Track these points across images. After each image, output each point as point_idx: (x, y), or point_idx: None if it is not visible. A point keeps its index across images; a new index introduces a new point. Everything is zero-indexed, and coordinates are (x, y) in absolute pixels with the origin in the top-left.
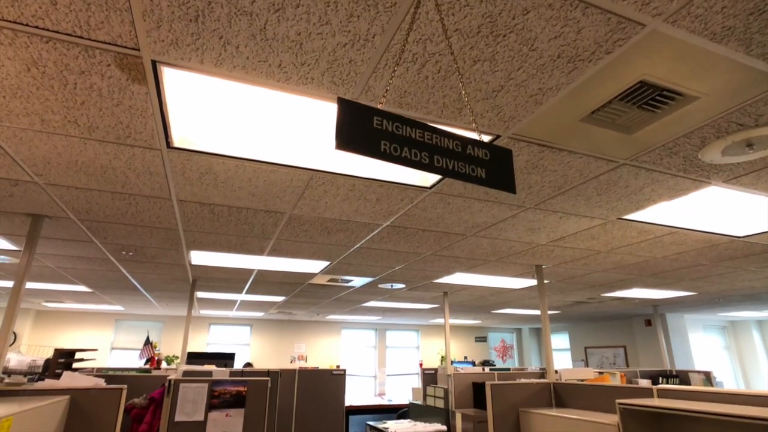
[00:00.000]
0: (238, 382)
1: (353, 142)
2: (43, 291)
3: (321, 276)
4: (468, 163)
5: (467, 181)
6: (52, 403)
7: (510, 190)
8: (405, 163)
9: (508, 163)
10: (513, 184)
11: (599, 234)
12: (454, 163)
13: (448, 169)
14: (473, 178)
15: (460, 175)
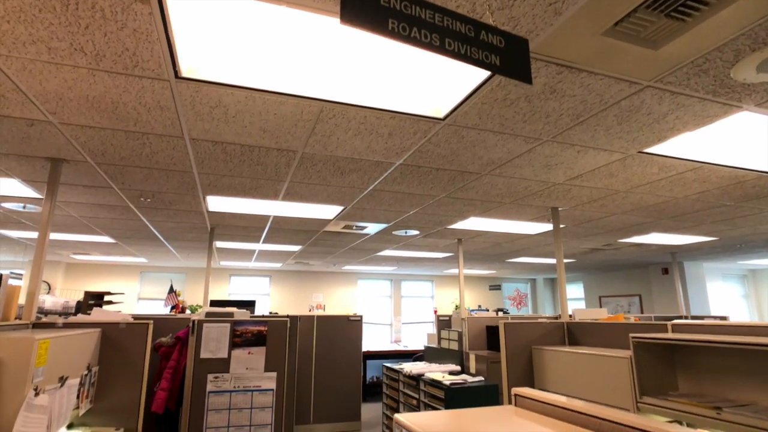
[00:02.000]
0: (258, 322)
1: (359, 16)
2: (70, 242)
3: (335, 223)
4: (481, 49)
5: (480, 66)
6: (85, 334)
7: (526, 80)
8: (414, 43)
9: (525, 52)
10: (529, 74)
11: (618, 171)
12: (467, 47)
13: (460, 53)
14: (486, 64)
15: (472, 60)
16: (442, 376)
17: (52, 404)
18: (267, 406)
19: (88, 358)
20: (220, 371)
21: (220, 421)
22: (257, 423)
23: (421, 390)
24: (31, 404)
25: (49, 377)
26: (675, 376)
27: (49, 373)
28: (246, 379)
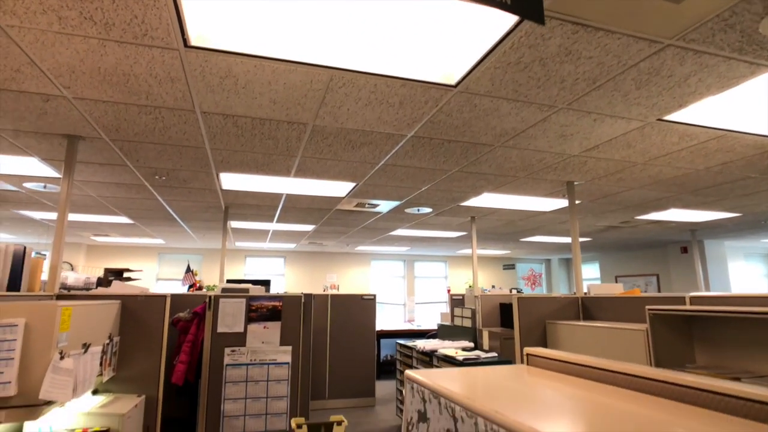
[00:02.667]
0: (273, 298)
1: None
2: (90, 223)
3: (348, 200)
4: None
5: (491, 5)
6: (106, 304)
7: (538, 20)
8: None
9: None
10: (541, 13)
11: (636, 140)
12: None
13: None
14: (495, 1)
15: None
16: (455, 351)
17: (76, 368)
18: (283, 379)
19: (110, 328)
20: (236, 345)
21: (237, 392)
22: (274, 395)
23: (434, 366)
24: (56, 367)
25: (73, 343)
26: (692, 348)
27: (72, 339)
28: (262, 352)
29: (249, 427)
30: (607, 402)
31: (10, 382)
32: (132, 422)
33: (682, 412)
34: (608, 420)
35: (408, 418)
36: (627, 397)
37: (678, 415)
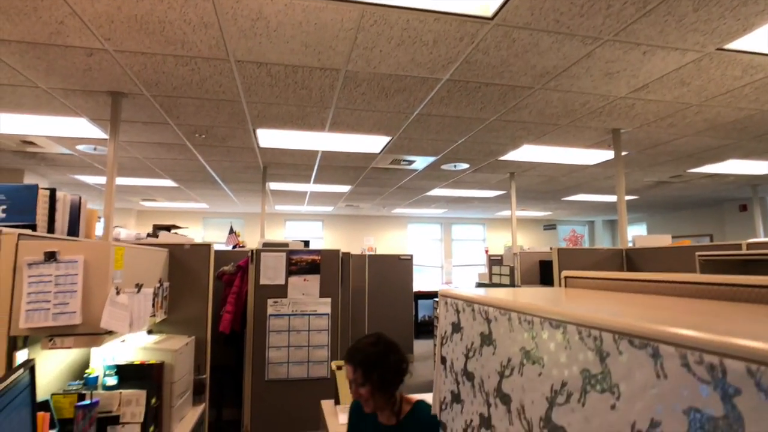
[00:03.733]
0: (312, 252)
1: None
2: (138, 187)
3: (383, 157)
4: None
5: None
6: (155, 251)
7: None
8: None
9: None
10: None
11: (691, 76)
12: None
13: None
14: None
15: None
16: None
17: (131, 305)
18: (323, 329)
19: (159, 273)
20: (278, 296)
21: (280, 341)
22: (315, 344)
23: None
24: (113, 300)
25: (127, 282)
26: None
27: (126, 278)
28: (302, 303)
29: (292, 374)
30: (651, 302)
31: (75, 312)
32: (184, 358)
33: (738, 307)
34: (652, 309)
35: (442, 333)
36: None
37: (735, 308)
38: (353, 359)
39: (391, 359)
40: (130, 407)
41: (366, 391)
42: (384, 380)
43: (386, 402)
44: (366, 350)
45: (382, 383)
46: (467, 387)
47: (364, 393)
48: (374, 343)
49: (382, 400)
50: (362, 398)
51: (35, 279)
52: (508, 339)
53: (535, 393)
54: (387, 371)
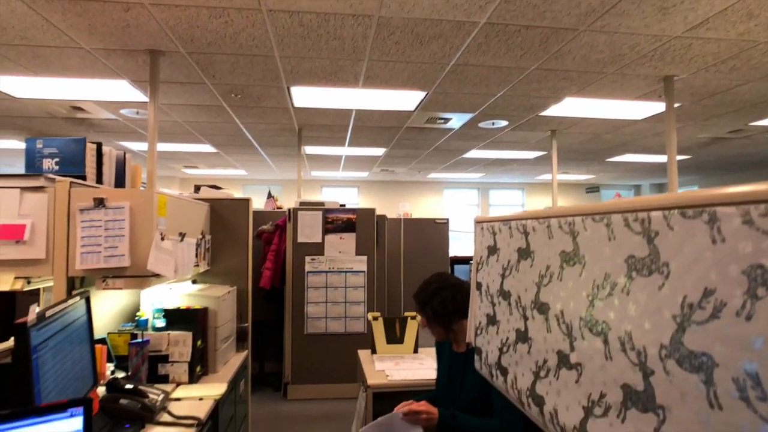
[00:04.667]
0: (347, 210)
1: None
2: (179, 153)
3: (418, 115)
4: None
5: None
6: (197, 203)
7: None
8: None
9: None
10: None
11: (761, 6)
12: None
13: None
14: None
15: None
16: None
17: (175, 252)
18: (359, 286)
19: (201, 226)
20: (315, 254)
21: (318, 297)
22: (352, 300)
23: None
24: (158, 245)
25: (171, 230)
26: None
27: (170, 226)
28: (339, 261)
29: (330, 328)
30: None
31: (124, 255)
32: (226, 305)
33: None
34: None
35: (477, 259)
36: None
37: None
38: (417, 298)
39: (443, 295)
40: (178, 347)
41: (431, 324)
42: (435, 314)
43: (444, 333)
44: (420, 289)
45: (434, 316)
46: (503, 306)
47: (430, 325)
48: (428, 282)
49: (439, 330)
50: (431, 331)
51: (87, 224)
52: (546, 248)
53: (575, 295)
54: (436, 306)
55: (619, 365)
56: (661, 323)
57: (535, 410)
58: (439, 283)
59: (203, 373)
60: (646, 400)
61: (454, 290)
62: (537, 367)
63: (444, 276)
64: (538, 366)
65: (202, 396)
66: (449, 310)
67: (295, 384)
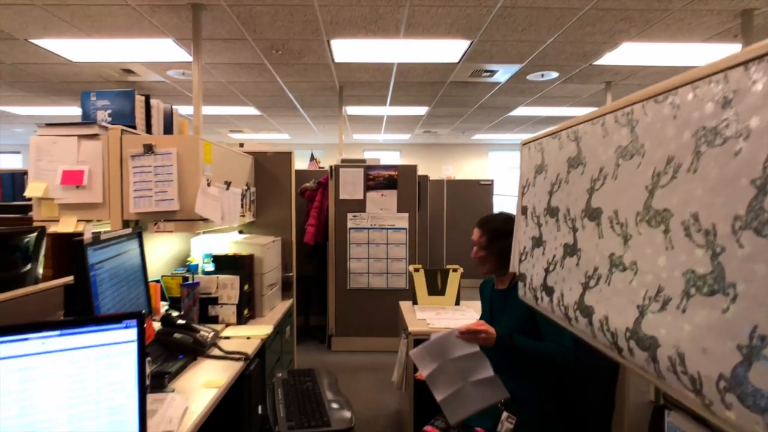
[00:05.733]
0: (389, 167)
1: None
2: (224, 117)
3: (462, 67)
4: None
5: None
6: (241, 155)
7: None
8: None
9: None
10: None
11: None
12: None
13: None
14: None
15: None
16: None
17: (221, 199)
18: (401, 243)
19: (246, 177)
20: (357, 211)
21: (361, 253)
22: (393, 257)
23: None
24: (205, 191)
25: (217, 178)
26: None
27: (216, 174)
28: (381, 218)
29: (372, 284)
30: None
31: (173, 199)
32: (271, 253)
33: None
34: None
35: (523, 182)
36: None
37: None
38: (485, 225)
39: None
40: (226, 290)
41: (484, 255)
42: (503, 252)
43: (494, 270)
44: (498, 223)
45: (500, 254)
46: (550, 225)
47: (483, 255)
48: (507, 219)
49: (494, 267)
50: (479, 259)
51: (138, 169)
52: (600, 148)
53: (632, 190)
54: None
55: (682, 252)
56: (736, 193)
57: (582, 323)
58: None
59: (250, 316)
60: (714, 282)
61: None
62: (586, 277)
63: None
64: (587, 276)
65: (249, 335)
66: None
67: (338, 336)
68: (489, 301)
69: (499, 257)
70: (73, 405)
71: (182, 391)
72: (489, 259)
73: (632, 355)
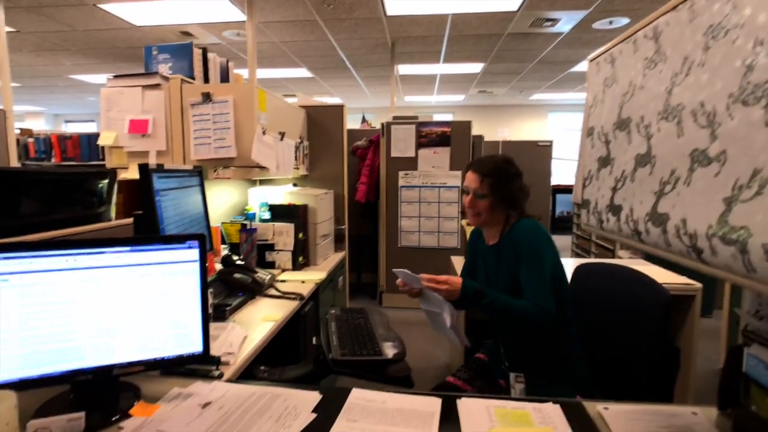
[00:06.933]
0: (442, 124)
1: None
2: (278, 80)
3: (522, 16)
4: None
5: None
6: (294, 108)
7: None
8: None
9: None
10: None
11: None
12: None
13: None
14: None
15: None
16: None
17: (276, 148)
18: (453, 202)
19: (299, 130)
20: (409, 169)
21: (412, 211)
22: (445, 216)
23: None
24: (260, 138)
25: (271, 127)
26: None
27: (270, 124)
28: (433, 176)
29: (423, 242)
30: None
31: (231, 146)
32: (324, 204)
33: None
34: None
35: (591, 99)
36: None
37: None
38: (482, 168)
39: (521, 183)
40: (282, 237)
41: (484, 204)
42: (510, 197)
43: (499, 220)
44: (498, 164)
45: (505, 199)
46: (619, 139)
47: (482, 205)
48: (507, 161)
49: (496, 216)
50: (474, 209)
51: (197, 117)
52: (687, 33)
53: (723, 71)
54: (515, 189)
55: None
56: None
57: (655, 233)
58: (517, 167)
59: (305, 263)
60: None
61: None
62: (660, 184)
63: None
64: (663, 182)
65: (304, 279)
66: (519, 199)
67: (389, 293)
68: (482, 259)
69: (502, 203)
70: (142, 315)
71: (241, 323)
72: (488, 208)
73: (715, 254)
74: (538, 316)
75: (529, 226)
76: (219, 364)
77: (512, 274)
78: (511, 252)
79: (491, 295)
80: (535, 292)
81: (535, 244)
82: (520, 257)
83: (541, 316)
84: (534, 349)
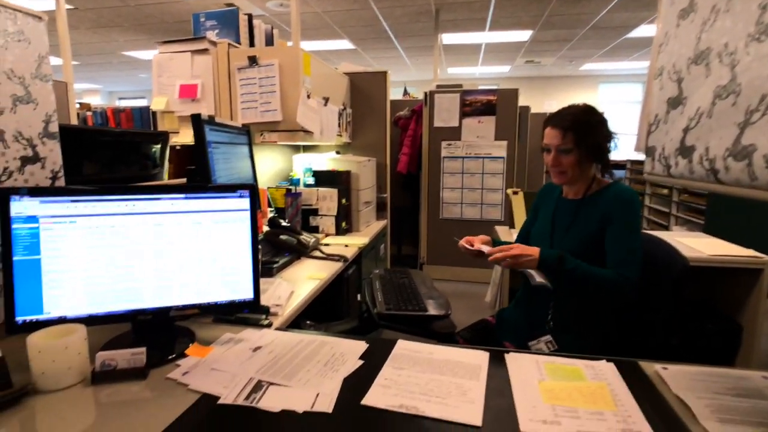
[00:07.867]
0: (487, 92)
1: None
2: (320, 52)
3: None
4: None
5: None
6: (337, 74)
7: None
8: None
9: None
10: None
11: None
12: None
13: None
14: None
15: None
16: None
17: (320, 113)
18: (497, 173)
19: (343, 97)
20: (452, 139)
21: (454, 183)
22: (489, 187)
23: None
24: (305, 102)
25: (316, 92)
26: None
27: (315, 88)
28: (477, 146)
29: (465, 215)
30: None
31: (277, 110)
32: (367, 171)
33: None
34: None
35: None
36: None
37: None
38: (563, 122)
39: (608, 132)
40: (326, 202)
41: (570, 160)
42: (597, 148)
43: (587, 175)
44: (580, 116)
45: (592, 151)
46: (693, 74)
47: (567, 161)
48: (589, 110)
49: (584, 171)
50: (559, 168)
51: (244, 81)
52: None
53: None
54: (601, 139)
55: None
56: None
57: (737, 168)
58: (601, 115)
59: (348, 229)
60: None
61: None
62: (746, 113)
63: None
64: (749, 111)
65: (347, 243)
66: (606, 149)
67: (430, 264)
68: (551, 215)
69: (588, 157)
70: (196, 260)
71: (288, 280)
72: (574, 164)
73: None
74: (620, 287)
75: (629, 190)
76: (268, 313)
77: (586, 234)
78: (597, 212)
79: (573, 262)
80: (622, 260)
81: (633, 209)
82: (611, 220)
83: (624, 287)
84: (586, 314)
